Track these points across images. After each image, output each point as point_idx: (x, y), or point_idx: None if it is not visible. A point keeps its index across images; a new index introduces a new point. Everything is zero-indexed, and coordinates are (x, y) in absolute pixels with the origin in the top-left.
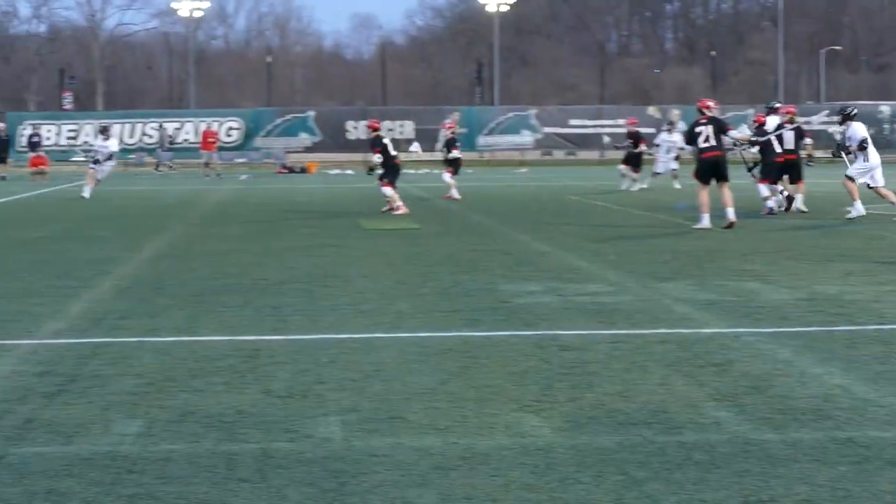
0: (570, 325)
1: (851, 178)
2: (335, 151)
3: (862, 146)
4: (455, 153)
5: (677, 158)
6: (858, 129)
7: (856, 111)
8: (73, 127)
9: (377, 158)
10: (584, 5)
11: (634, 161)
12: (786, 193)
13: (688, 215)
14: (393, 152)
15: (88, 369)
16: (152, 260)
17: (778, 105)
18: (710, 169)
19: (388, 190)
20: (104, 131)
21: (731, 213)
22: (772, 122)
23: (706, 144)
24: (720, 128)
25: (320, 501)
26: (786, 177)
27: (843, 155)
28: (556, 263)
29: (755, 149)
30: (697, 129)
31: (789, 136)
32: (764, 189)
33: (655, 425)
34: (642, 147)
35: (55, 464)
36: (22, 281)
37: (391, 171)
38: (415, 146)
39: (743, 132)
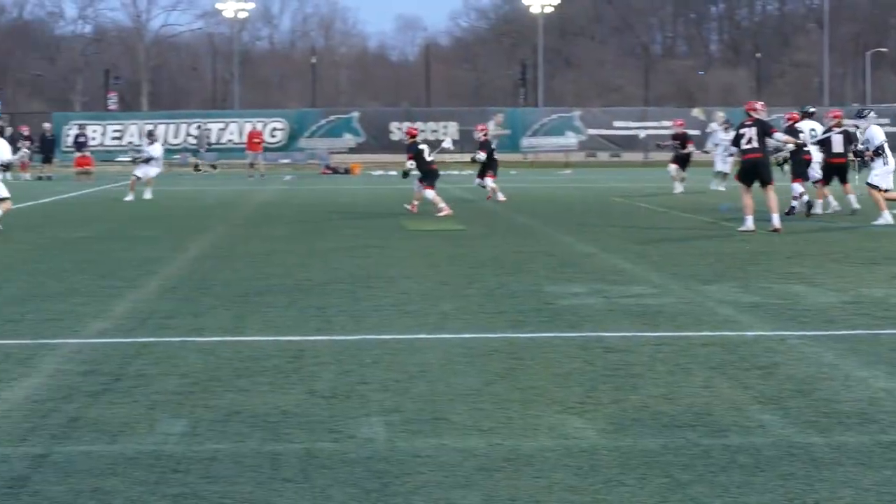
0: (614, 327)
1: (875, 186)
2: (379, 152)
3: (878, 151)
4: (482, 155)
5: (732, 155)
6: (877, 133)
7: (873, 113)
8: (117, 127)
9: (409, 164)
10: (629, 7)
11: (683, 162)
12: (805, 198)
13: (732, 217)
14: (429, 158)
15: (133, 368)
16: (197, 260)
17: (813, 110)
18: (751, 170)
19: (429, 193)
20: (150, 135)
21: (776, 220)
22: (805, 126)
23: (748, 146)
24: (765, 130)
25: (364, 502)
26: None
27: (856, 160)
28: (600, 265)
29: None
30: (742, 131)
31: (838, 140)
32: (797, 187)
33: (700, 428)
34: (690, 148)
35: (100, 462)
36: (67, 281)
37: (429, 175)
38: (447, 143)
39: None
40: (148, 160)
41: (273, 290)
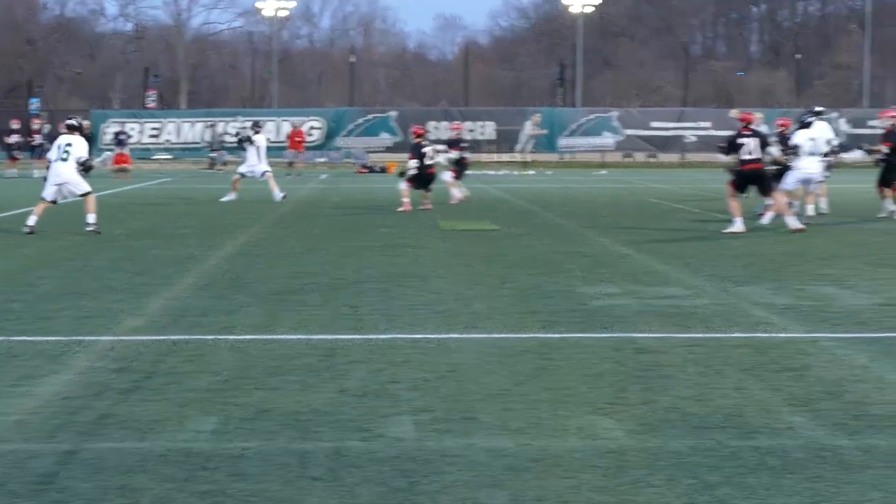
0: (646, 328)
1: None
2: None
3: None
4: (454, 153)
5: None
6: (800, 135)
7: (811, 119)
8: (155, 125)
9: (412, 163)
10: (669, 7)
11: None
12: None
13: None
14: (429, 161)
15: (165, 366)
16: (231, 258)
17: (819, 109)
18: (750, 179)
19: (402, 185)
20: (255, 125)
21: (791, 221)
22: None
23: (749, 157)
24: (764, 142)
25: (391, 501)
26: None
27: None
28: (634, 266)
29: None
30: (740, 141)
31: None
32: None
33: (729, 429)
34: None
35: (129, 459)
36: (102, 278)
37: (420, 177)
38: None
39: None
40: (248, 140)
41: (306, 288)
